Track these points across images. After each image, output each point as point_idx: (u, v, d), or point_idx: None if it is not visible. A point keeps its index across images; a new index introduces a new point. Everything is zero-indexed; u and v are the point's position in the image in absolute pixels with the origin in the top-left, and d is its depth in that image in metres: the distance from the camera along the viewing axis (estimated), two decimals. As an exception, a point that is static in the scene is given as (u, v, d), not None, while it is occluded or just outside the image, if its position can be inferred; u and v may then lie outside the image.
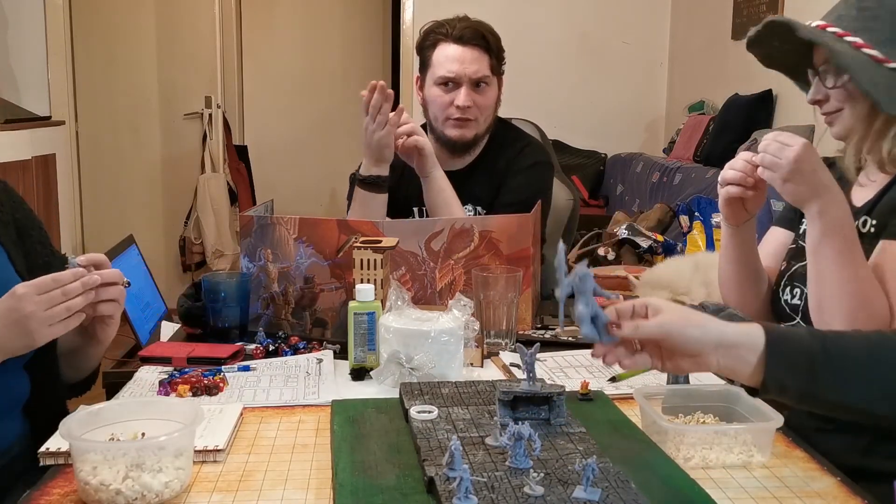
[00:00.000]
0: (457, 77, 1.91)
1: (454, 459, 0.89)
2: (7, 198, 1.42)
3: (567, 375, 1.43)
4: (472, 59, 1.91)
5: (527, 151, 2.02)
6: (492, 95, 1.96)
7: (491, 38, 1.94)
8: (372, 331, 1.43)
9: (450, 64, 1.91)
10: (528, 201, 1.86)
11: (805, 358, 1.03)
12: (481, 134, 1.98)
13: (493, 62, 1.95)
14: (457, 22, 1.94)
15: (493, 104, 1.98)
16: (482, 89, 1.94)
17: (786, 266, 1.53)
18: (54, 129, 4.40)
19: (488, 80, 1.94)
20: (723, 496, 1.00)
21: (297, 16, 5.66)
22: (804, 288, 1.42)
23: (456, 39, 1.92)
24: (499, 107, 2.01)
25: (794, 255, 1.52)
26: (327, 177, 5.57)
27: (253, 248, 1.71)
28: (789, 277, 1.50)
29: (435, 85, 1.94)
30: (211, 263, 5.21)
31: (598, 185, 5.11)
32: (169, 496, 0.98)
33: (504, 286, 1.56)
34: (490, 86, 1.95)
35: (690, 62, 4.96)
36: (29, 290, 1.16)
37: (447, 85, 1.93)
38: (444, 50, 1.93)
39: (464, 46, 1.91)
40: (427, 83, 1.97)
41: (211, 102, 5.28)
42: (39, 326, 1.16)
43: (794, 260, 1.51)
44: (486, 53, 1.93)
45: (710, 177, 4.01)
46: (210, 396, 1.34)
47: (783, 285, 1.51)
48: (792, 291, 1.48)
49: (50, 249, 1.45)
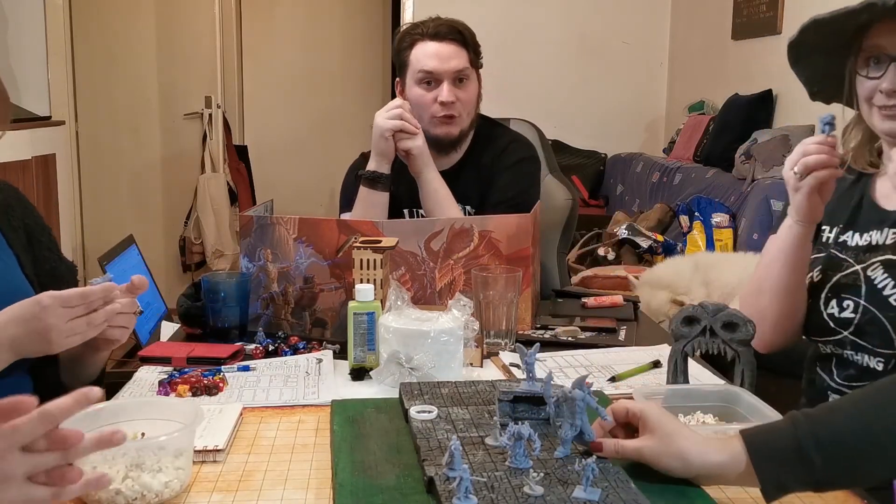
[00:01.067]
0: (437, 73, 1.92)
1: (454, 459, 0.89)
2: (18, 203, 1.43)
3: (567, 375, 1.43)
4: (450, 55, 1.92)
5: (512, 148, 2.03)
6: (473, 89, 1.98)
7: (466, 33, 1.96)
8: (372, 331, 1.43)
9: (429, 60, 1.92)
10: (517, 198, 1.88)
11: (793, 452, 0.93)
12: (466, 129, 1.99)
13: (472, 56, 1.96)
14: (430, 21, 1.96)
15: (475, 98, 1.99)
16: (463, 84, 1.95)
17: (821, 277, 1.42)
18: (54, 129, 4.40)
19: (468, 73, 1.96)
20: (723, 496, 1.00)
21: (297, 16, 5.66)
22: (857, 300, 1.35)
23: (432, 37, 1.93)
24: (480, 101, 2.02)
25: (828, 266, 1.41)
26: (327, 177, 5.56)
27: (253, 248, 1.71)
28: (832, 290, 1.39)
29: (416, 84, 1.95)
30: (211, 263, 5.21)
31: (598, 185, 5.11)
32: (169, 496, 0.98)
33: (504, 286, 1.56)
34: (470, 80, 1.97)
35: (690, 62, 4.96)
36: (54, 301, 1.17)
37: (429, 83, 1.94)
38: (422, 48, 1.94)
39: (441, 42, 1.93)
40: (408, 84, 1.98)
41: (211, 102, 5.28)
42: (58, 337, 1.18)
43: (830, 270, 1.41)
44: (463, 48, 1.94)
45: (710, 177, 4.01)
46: (210, 396, 1.34)
47: (824, 298, 1.40)
48: (840, 304, 1.37)
49: (57, 255, 1.46)
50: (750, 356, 1.28)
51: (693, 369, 1.38)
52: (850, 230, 1.42)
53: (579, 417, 1.01)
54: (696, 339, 1.29)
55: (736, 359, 1.28)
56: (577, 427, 1.01)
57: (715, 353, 1.29)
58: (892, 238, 1.36)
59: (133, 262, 1.88)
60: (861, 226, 1.41)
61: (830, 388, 1.42)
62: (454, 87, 1.94)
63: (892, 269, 1.33)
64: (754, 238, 3.34)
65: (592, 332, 1.71)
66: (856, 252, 1.40)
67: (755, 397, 1.18)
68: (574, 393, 1.00)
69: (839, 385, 1.40)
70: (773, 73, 3.87)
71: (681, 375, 1.30)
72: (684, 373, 1.31)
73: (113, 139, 5.30)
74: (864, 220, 1.42)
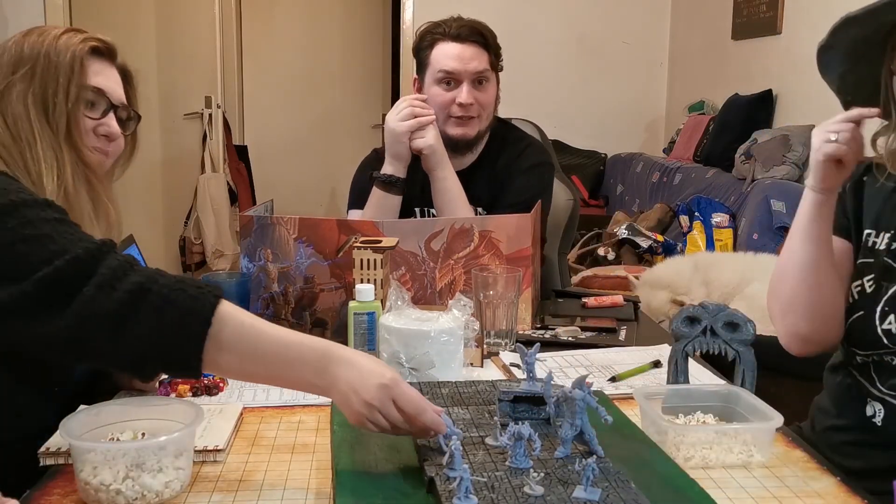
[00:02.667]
0: (457, 74, 1.92)
1: (454, 459, 0.89)
2: None
3: (567, 375, 1.43)
4: (471, 56, 1.92)
5: (528, 152, 2.03)
6: (492, 92, 1.97)
7: (488, 35, 1.96)
8: (372, 331, 1.43)
9: (450, 61, 1.92)
10: (530, 202, 1.86)
11: None
12: (483, 131, 1.98)
13: (492, 58, 1.96)
14: (452, 21, 1.96)
15: (493, 101, 1.99)
16: (483, 86, 1.95)
17: (874, 287, 1.32)
18: (54, 129, 4.40)
19: (488, 76, 1.95)
20: (723, 496, 1.00)
21: (297, 16, 5.66)
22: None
23: (454, 38, 1.93)
24: (498, 104, 2.02)
25: (882, 275, 1.32)
26: (327, 177, 5.57)
27: (253, 248, 1.71)
28: (889, 303, 1.30)
29: (435, 84, 1.95)
30: (211, 263, 5.21)
31: (598, 185, 5.11)
32: (169, 496, 0.98)
33: (504, 286, 1.56)
34: (490, 82, 1.96)
35: (690, 62, 4.96)
36: None
37: (448, 84, 1.93)
38: (442, 48, 1.94)
39: (462, 44, 1.92)
40: (427, 83, 1.97)
41: (211, 102, 5.28)
42: None
43: (884, 280, 1.31)
44: (484, 50, 1.94)
45: (710, 177, 4.01)
46: (210, 396, 1.34)
47: (880, 312, 1.31)
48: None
49: None
50: (750, 356, 1.27)
51: (693, 369, 1.38)
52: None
53: (579, 417, 1.01)
54: (697, 339, 1.29)
55: (736, 359, 1.28)
56: (577, 427, 1.01)
57: (715, 353, 1.29)
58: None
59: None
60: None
61: (872, 395, 1.34)
62: (473, 89, 1.93)
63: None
64: (754, 238, 3.34)
65: (592, 332, 1.70)
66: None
67: (755, 397, 1.18)
68: (574, 393, 1.00)
69: (883, 394, 1.32)
70: (773, 73, 3.87)
71: (681, 375, 1.30)
72: (684, 373, 1.31)
73: (113, 139, 5.30)
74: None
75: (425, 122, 1.88)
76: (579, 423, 1.01)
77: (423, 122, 1.88)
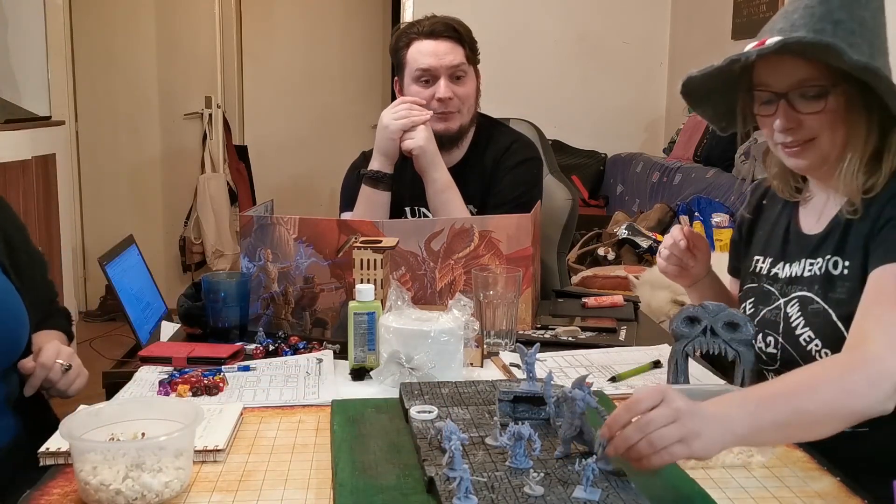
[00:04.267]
0: (434, 70, 1.93)
1: (454, 459, 0.89)
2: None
3: (567, 375, 1.43)
4: (446, 51, 1.93)
5: (514, 148, 2.03)
6: (471, 85, 1.98)
7: (462, 29, 1.97)
8: (372, 331, 1.43)
9: (425, 58, 1.93)
10: (520, 199, 1.88)
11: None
12: (466, 125, 1.99)
13: (468, 52, 1.97)
14: (426, 20, 1.97)
15: (474, 94, 2.00)
16: (461, 80, 1.96)
17: (753, 310, 1.42)
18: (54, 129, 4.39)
19: (465, 70, 1.96)
20: (723, 496, 1.00)
21: (297, 16, 5.66)
22: (777, 336, 1.36)
23: (428, 35, 1.94)
24: (479, 98, 2.02)
25: (760, 299, 1.42)
26: (327, 176, 5.56)
27: (253, 248, 1.71)
28: (759, 324, 1.40)
29: (413, 82, 1.96)
30: (211, 263, 5.21)
31: (598, 185, 5.11)
32: (169, 496, 0.98)
33: (504, 286, 1.56)
34: (468, 76, 1.97)
35: (690, 62, 4.93)
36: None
37: (426, 81, 1.94)
38: (417, 47, 1.95)
39: (437, 40, 1.94)
40: (406, 83, 1.98)
41: (211, 102, 5.28)
42: None
43: (760, 304, 1.41)
44: (459, 45, 1.95)
45: (710, 177, 4.01)
46: (210, 396, 1.34)
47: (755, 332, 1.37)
48: (765, 339, 1.38)
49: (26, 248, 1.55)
50: (750, 356, 1.27)
51: (693, 369, 1.38)
52: (780, 261, 1.41)
53: (579, 417, 1.01)
54: (697, 338, 1.29)
55: (736, 359, 1.28)
56: (577, 427, 1.01)
57: (715, 353, 1.29)
58: (808, 271, 1.34)
59: (133, 262, 1.88)
60: (790, 256, 1.39)
61: None
62: (451, 84, 1.94)
63: (806, 305, 1.32)
64: (754, 238, 3.34)
65: (592, 332, 1.71)
66: (781, 285, 1.39)
67: (755, 397, 1.18)
68: (574, 393, 1.00)
69: None
70: (773, 73, 3.86)
71: (681, 375, 1.30)
72: (685, 373, 1.31)
73: (113, 139, 5.30)
74: (792, 251, 1.40)
75: (417, 122, 1.89)
76: (579, 423, 1.01)
77: (416, 121, 1.89)
